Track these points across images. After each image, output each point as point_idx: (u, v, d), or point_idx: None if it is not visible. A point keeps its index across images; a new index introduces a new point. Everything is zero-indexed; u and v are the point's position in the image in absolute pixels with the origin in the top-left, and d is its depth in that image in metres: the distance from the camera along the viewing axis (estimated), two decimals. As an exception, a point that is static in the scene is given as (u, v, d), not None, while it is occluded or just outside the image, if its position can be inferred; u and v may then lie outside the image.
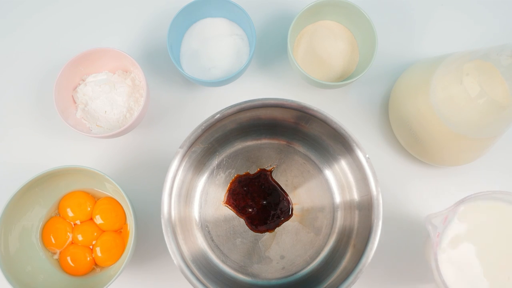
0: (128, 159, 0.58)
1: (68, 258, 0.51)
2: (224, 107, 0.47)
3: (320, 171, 0.54)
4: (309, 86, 0.59)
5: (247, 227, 0.53)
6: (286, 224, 0.53)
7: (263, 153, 0.54)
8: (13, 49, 0.60)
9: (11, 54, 0.60)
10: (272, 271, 0.52)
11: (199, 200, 0.53)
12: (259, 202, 0.53)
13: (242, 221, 0.53)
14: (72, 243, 0.53)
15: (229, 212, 0.53)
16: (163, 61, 0.60)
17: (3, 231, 0.48)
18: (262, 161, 0.54)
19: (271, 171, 0.54)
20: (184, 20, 0.56)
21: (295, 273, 0.52)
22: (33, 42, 0.61)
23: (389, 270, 0.55)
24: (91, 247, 0.52)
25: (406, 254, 0.55)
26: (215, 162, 0.54)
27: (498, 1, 0.61)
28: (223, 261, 0.52)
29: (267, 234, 0.53)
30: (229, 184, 0.54)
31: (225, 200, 0.54)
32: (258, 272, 0.52)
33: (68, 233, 0.52)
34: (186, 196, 0.51)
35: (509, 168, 0.57)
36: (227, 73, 0.56)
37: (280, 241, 0.53)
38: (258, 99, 0.47)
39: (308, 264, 0.52)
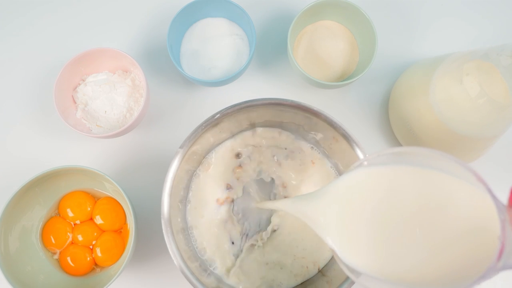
0: (128, 159, 0.58)
1: (68, 258, 0.51)
2: (224, 107, 0.46)
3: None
4: (309, 86, 0.59)
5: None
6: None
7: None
8: (13, 49, 0.60)
9: (11, 54, 0.60)
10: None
11: (199, 200, 0.53)
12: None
13: (242, 221, 0.53)
14: (72, 243, 0.52)
15: (229, 212, 0.53)
16: (163, 61, 0.60)
17: (3, 231, 0.47)
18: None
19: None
20: (184, 20, 0.56)
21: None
22: (33, 43, 0.61)
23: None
24: (91, 247, 0.52)
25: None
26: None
27: (498, 1, 0.61)
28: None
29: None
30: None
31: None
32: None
33: (68, 233, 0.52)
34: (186, 197, 0.51)
35: (509, 168, 0.57)
36: (227, 73, 0.56)
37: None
38: (258, 99, 0.47)
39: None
